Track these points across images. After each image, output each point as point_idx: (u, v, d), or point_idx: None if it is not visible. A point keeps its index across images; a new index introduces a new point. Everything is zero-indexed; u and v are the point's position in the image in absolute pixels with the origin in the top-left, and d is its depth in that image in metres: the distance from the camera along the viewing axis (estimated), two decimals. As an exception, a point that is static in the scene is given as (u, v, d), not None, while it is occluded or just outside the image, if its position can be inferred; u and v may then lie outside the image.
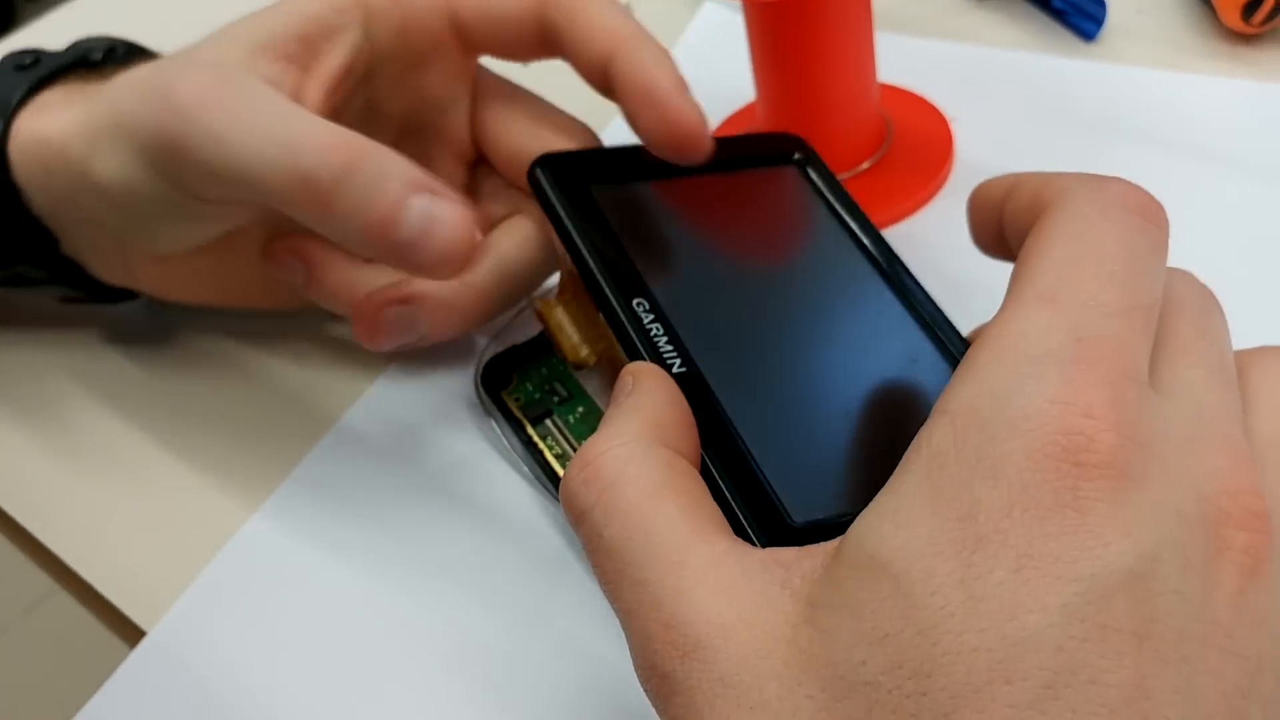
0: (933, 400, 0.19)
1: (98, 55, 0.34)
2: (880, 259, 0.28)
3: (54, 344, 0.38)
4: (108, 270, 0.34)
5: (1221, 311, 0.21)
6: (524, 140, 0.32)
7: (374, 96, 0.32)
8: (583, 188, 0.29)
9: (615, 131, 0.32)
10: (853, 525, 0.18)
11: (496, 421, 0.31)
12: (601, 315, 0.26)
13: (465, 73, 0.32)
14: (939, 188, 0.37)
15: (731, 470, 0.22)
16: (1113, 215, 0.19)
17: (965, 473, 0.17)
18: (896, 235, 0.35)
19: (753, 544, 0.20)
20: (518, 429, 0.30)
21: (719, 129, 0.40)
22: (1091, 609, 0.15)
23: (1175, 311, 0.20)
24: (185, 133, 0.27)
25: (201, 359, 0.36)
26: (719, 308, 0.26)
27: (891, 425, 0.25)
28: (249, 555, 0.30)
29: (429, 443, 0.32)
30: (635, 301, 0.26)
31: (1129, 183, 0.20)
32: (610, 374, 0.29)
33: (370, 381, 0.34)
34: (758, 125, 0.38)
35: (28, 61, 0.33)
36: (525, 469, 0.30)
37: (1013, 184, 0.22)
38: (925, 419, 0.19)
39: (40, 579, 0.32)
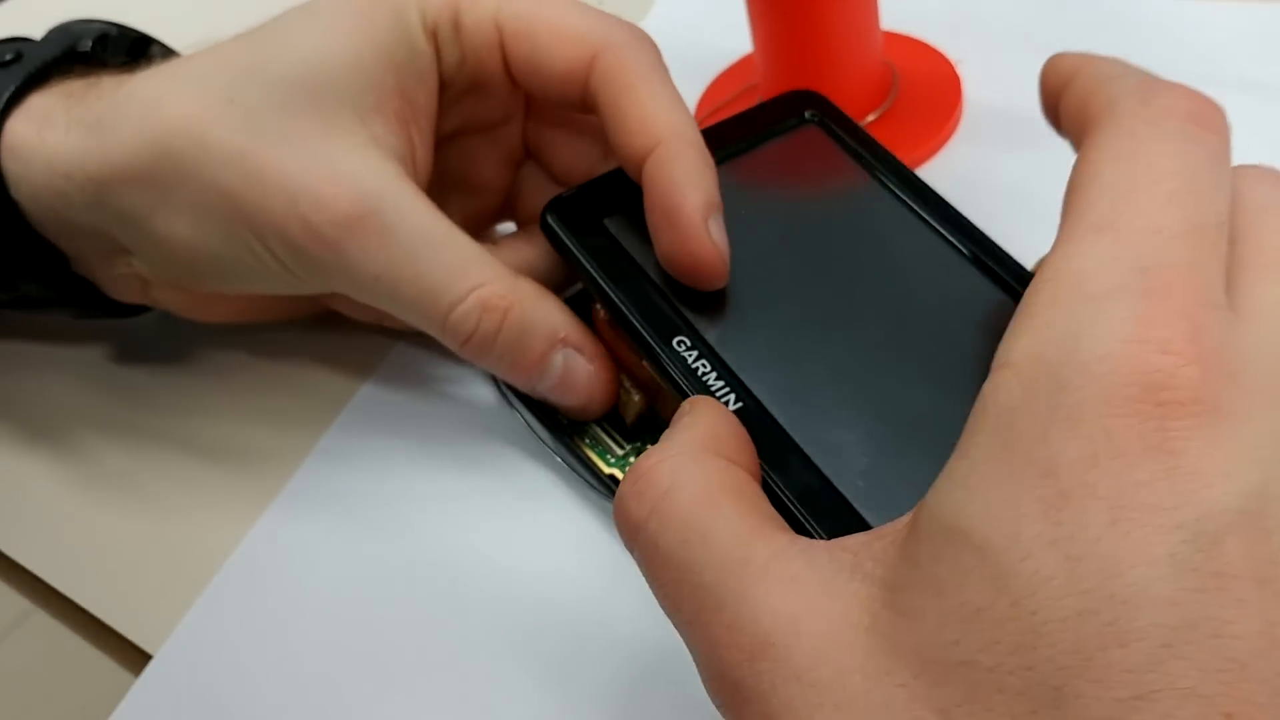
0: None
1: (87, 45, 0.31)
2: (929, 209, 0.27)
3: (45, 358, 0.36)
4: (124, 292, 0.32)
5: None
6: (575, 158, 0.31)
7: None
8: (597, 223, 0.27)
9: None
10: (924, 498, 0.16)
11: (519, 410, 0.29)
12: (645, 361, 0.25)
13: (518, 99, 0.31)
14: (950, 134, 0.35)
15: (808, 498, 0.21)
16: (1164, 128, 0.18)
17: (1039, 426, 0.15)
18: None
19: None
20: (544, 419, 0.29)
21: (715, 82, 0.38)
22: (1202, 557, 0.14)
23: (1251, 220, 0.18)
24: (332, 263, 0.26)
25: (189, 363, 0.34)
26: (764, 316, 0.25)
27: (975, 398, 0.23)
28: (253, 567, 0.29)
29: (438, 439, 0.31)
30: (676, 341, 0.24)
31: (1179, 87, 0.18)
32: (658, 402, 0.28)
33: (370, 375, 0.33)
34: (756, 78, 0.36)
35: (8, 57, 0.30)
36: (558, 461, 0.28)
37: (1068, 77, 0.20)
38: None
39: (14, 601, 0.31)
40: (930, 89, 0.36)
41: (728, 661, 0.17)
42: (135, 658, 0.28)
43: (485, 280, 0.26)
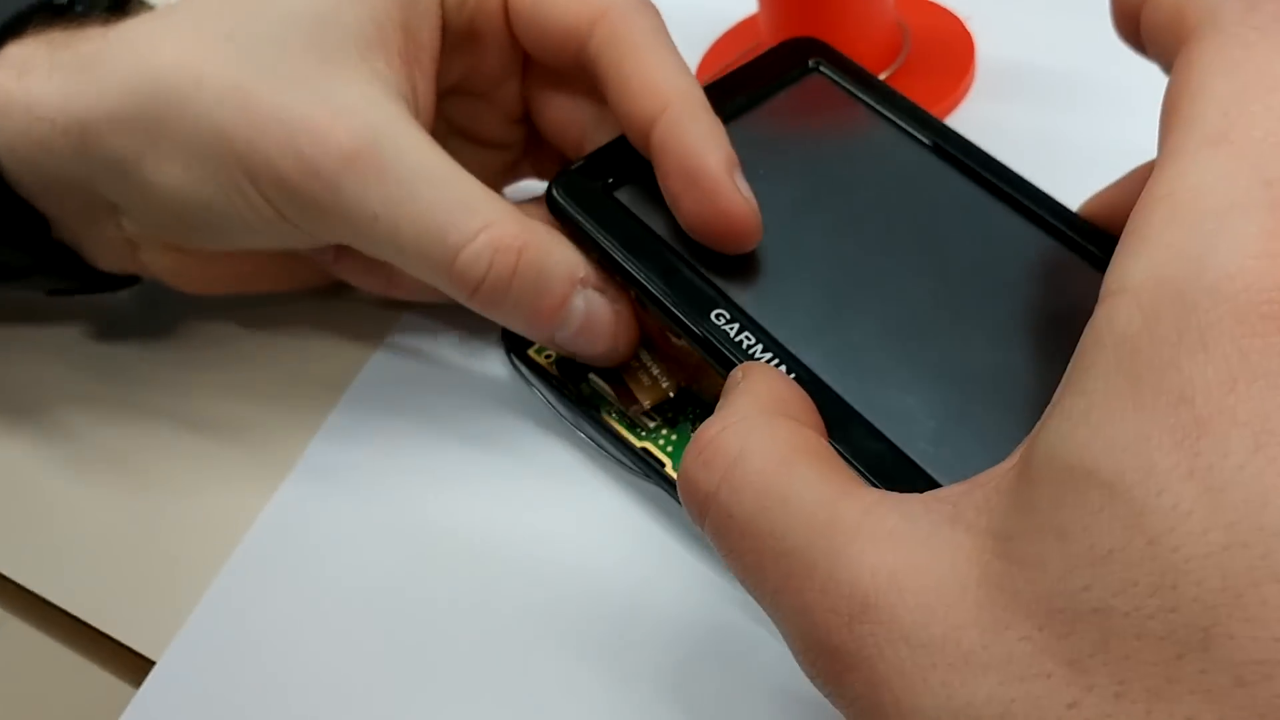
0: (1076, 302, 0.16)
1: None
2: (955, 151, 0.25)
3: (24, 339, 0.34)
4: (111, 258, 0.30)
5: None
6: (568, 111, 0.29)
7: None
8: (608, 197, 0.25)
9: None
10: (1032, 440, 0.15)
11: (536, 387, 0.27)
12: (685, 340, 0.23)
13: (517, 58, 0.29)
14: (965, 92, 0.34)
15: (879, 469, 0.20)
16: (1275, 36, 0.16)
17: (1167, 352, 0.14)
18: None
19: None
20: (560, 390, 0.27)
21: (715, 45, 0.37)
22: None
23: None
24: (329, 203, 0.25)
25: (181, 340, 0.33)
26: (800, 280, 0.24)
27: (1037, 347, 0.22)
28: (261, 557, 0.27)
29: (450, 418, 0.29)
30: (715, 315, 0.23)
31: None
32: (700, 382, 0.26)
33: (375, 350, 0.31)
34: (760, 40, 0.35)
35: None
36: (580, 436, 0.27)
37: None
38: (1073, 323, 0.16)
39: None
40: (942, 46, 0.35)
41: (824, 627, 0.15)
42: (132, 664, 0.26)
43: (494, 219, 0.25)
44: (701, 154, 0.24)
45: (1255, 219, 0.14)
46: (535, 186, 0.33)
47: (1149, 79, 0.19)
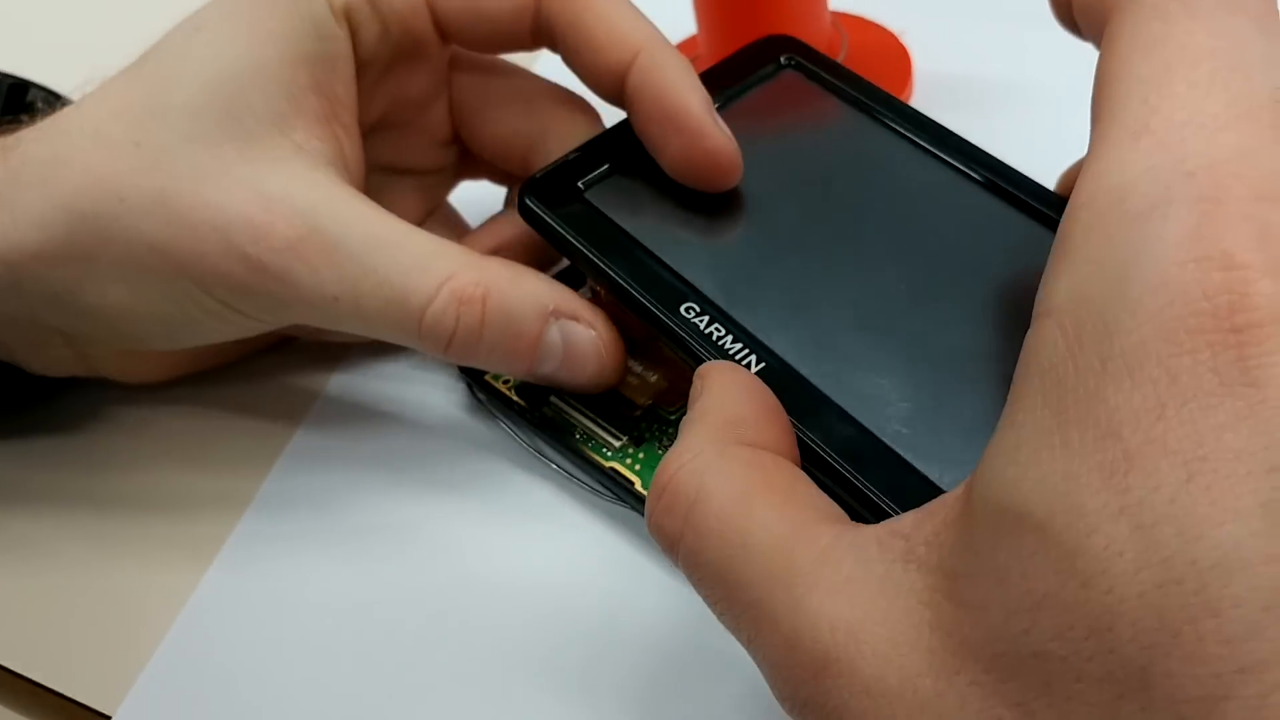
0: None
1: None
2: (929, 138, 0.26)
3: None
4: (55, 368, 0.28)
5: None
6: (509, 127, 0.29)
7: None
8: (578, 198, 0.25)
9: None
10: (975, 473, 0.15)
11: (497, 414, 0.27)
12: (657, 334, 0.23)
13: (445, 65, 0.29)
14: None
15: (852, 453, 0.20)
16: (1195, 2, 0.15)
17: (1091, 381, 0.13)
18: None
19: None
20: (527, 420, 0.27)
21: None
22: None
23: None
24: (287, 295, 0.24)
25: (121, 407, 0.31)
26: (772, 270, 0.24)
27: (1012, 326, 0.22)
28: (211, 614, 0.26)
29: (406, 457, 0.28)
30: (684, 308, 0.23)
31: None
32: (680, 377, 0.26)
33: (316, 396, 0.30)
34: (702, 58, 0.35)
35: None
36: (551, 467, 0.27)
37: None
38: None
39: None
40: (879, 61, 0.35)
41: (794, 681, 0.16)
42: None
43: (453, 271, 0.24)
44: (682, 95, 0.24)
45: (1177, 219, 0.13)
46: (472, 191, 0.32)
47: (1078, 79, 0.19)
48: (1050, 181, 0.25)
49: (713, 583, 0.17)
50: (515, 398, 0.27)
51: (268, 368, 0.31)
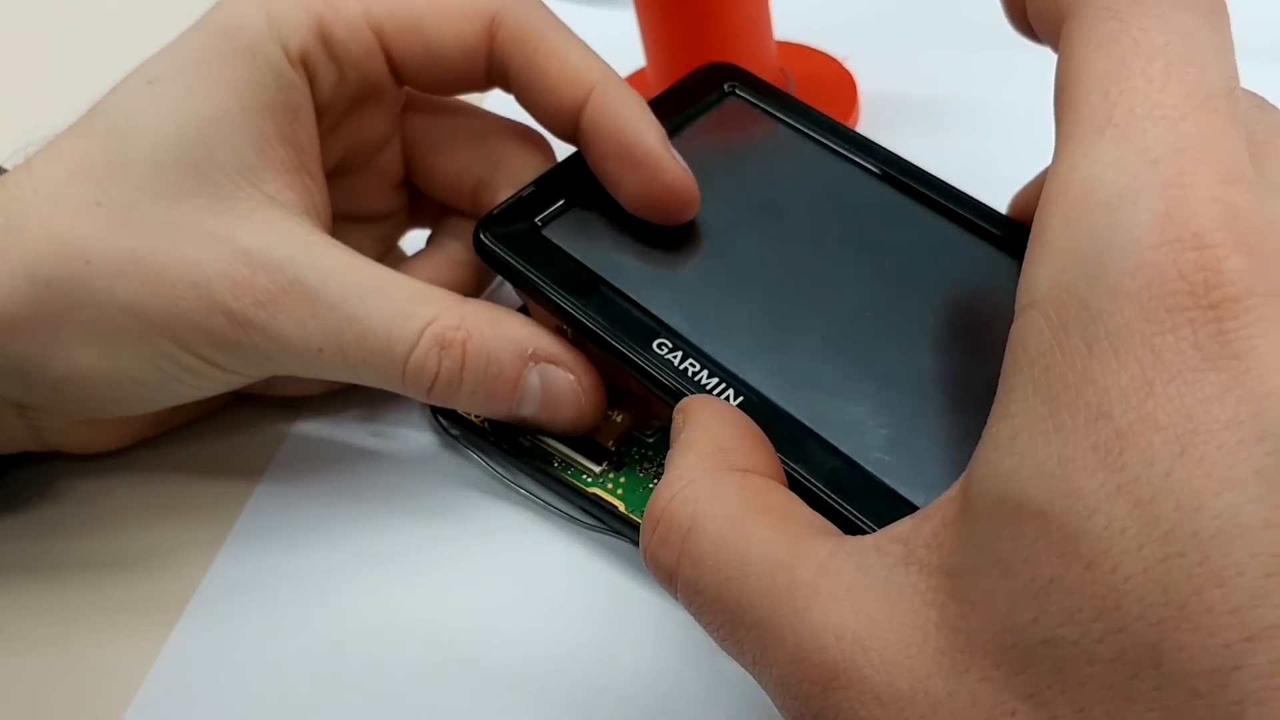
0: (1012, 299, 0.15)
1: None
2: (877, 161, 0.26)
3: None
4: (5, 445, 0.27)
5: None
6: (459, 164, 0.28)
7: None
8: (536, 235, 0.25)
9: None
10: (969, 470, 0.15)
11: (470, 448, 0.26)
12: (629, 374, 0.23)
13: (399, 107, 0.28)
14: (852, 128, 0.35)
15: (838, 484, 0.20)
16: (1146, 2, 0.16)
17: (1079, 365, 0.14)
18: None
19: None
20: (502, 449, 0.26)
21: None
22: None
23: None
24: (271, 348, 0.24)
25: (70, 479, 0.30)
26: (740, 301, 0.23)
27: (981, 346, 0.22)
28: (178, 675, 0.25)
29: (377, 499, 0.27)
30: (656, 344, 0.23)
31: None
32: (653, 412, 0.26)
33: (279, 445, 0.29)
34: (650, 92, 0.36)
35: None
36: (523, 493, 0.26)
37: None
38: (1011, 320, 0.15)
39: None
40: (825, 87, 0.36)
41: (803, 698, 0.15)
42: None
43: (434, 314, 0.24)
44: (638, 130, 0.24)
45: (1147, 205, 0.14)
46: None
47: (1019, 97, 0.20)
48: (998, 196, 0.25)
49: (713, 609, 0.17)
50: (488, 428, 0.26)
51: (225, 424, 0.30)
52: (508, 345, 0.24)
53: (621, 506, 0.24)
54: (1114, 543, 0.13)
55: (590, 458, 0.25)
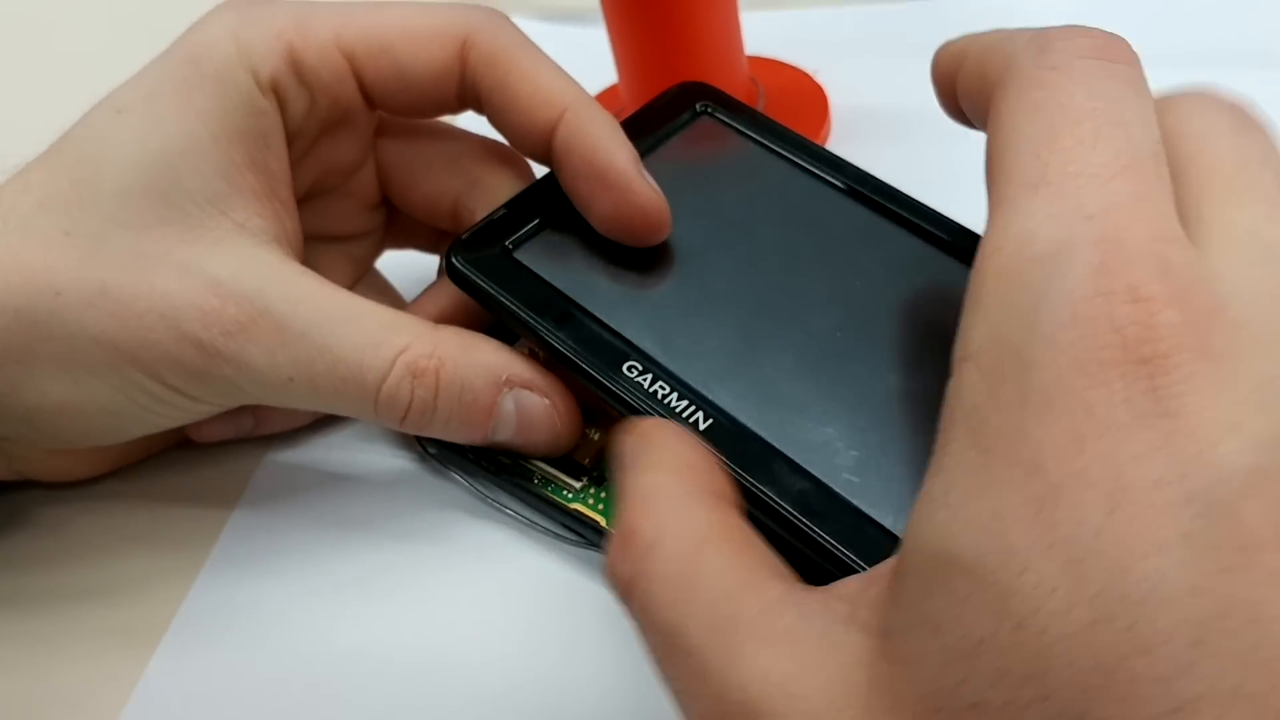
0: None
1: None
2: (849, 180, 0.26)
3: None
4: None
5: (1263, 126, 0.17)
6: (436, 184, 0.28)
7: None
8: (507, 258, 0.25)
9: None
10: (908, 525, 0.15)
11: (451, 467, 0.26)
12: (600, 396, 0.23)
13: (372, 130, 0.28)
14: (824, 140, 0.36)
15: (807, 507, 0.20)
16: (1070, 69, 0.16)
17: (1013, 418, 0.13)
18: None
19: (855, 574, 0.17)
20: (483, 467, 0.26)
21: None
22: (1221, 531, 0.12)
23: (1196, 146, 0.16)
24: (242, 378, 0.24)
25: (43, 506, 0.29)
26: (710, 323, 0.23)
27: (949, 365, 0.22)
28: (158, 701, 0.24)
29: (357, 521, 0.27)
30: (626, 367, 0.23)
31: (1076, 28, 0.17)
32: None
33: (254, 469, 0.29)
34: (624, 108, 0.36)
35: None
36: (504, 511, 0.26)
37: (959, 57, 0.20)
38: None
39: None
40: (796, 100, 0.36)
41: None
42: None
43: (405, 343, 0.24)
44: (609, 152, 0.24)
45: (1082, 258, 0.14)
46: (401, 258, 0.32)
47: None
48: (968, 204, 0.25)
49: (656, 629, 0.16)
50: (468, 448, 0.26)
51: (199, 450, 0.30)
52: (481, 372, 0.24)
53: (603, 521, 0.24)
54: (1044, 602, 0.12)
55: (570, 474, 0.25)
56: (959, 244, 0.24)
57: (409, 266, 0.32)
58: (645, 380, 0.22)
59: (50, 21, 0.50)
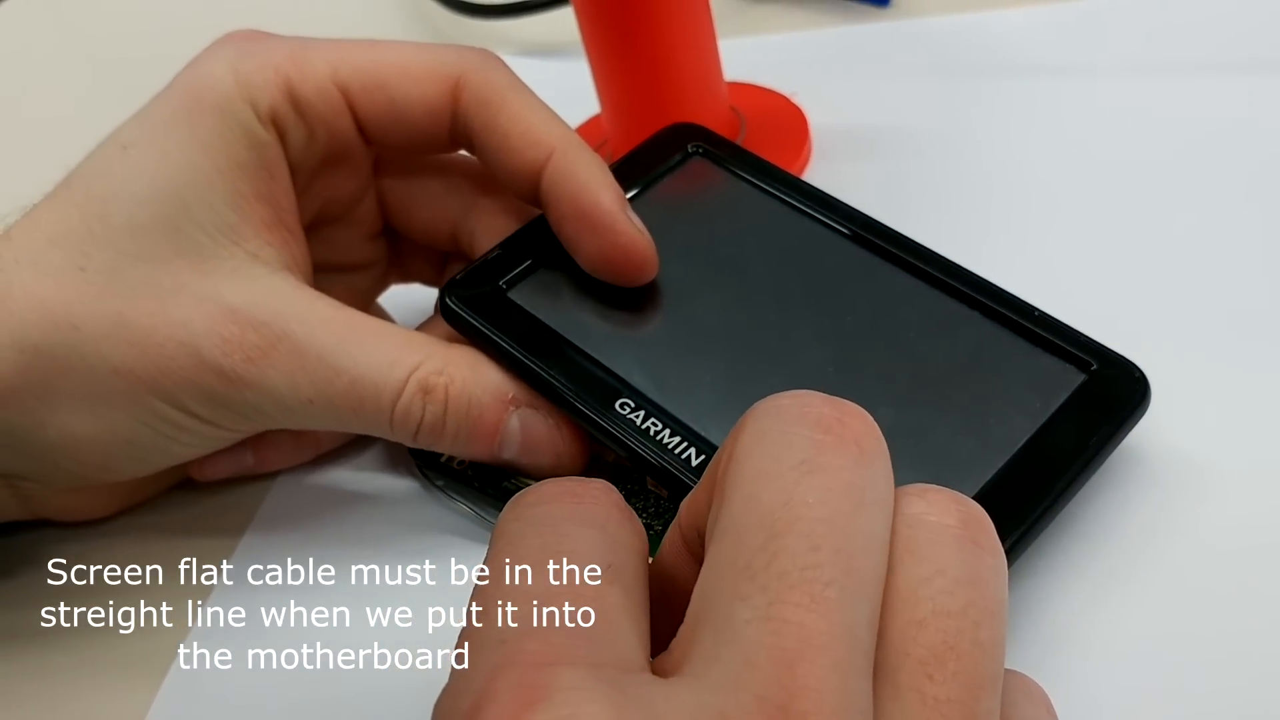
0: (969, 350, 0.16)
1: None
2: (837, 217, 0.27)
3: None
4: None
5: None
6: (437, 210, 0.29)
7: None
8: (501, 298, 0.26)
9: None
10: None
11: (455, 496, 0.27)
12: (593, 434, 0.24)
13: (370, 163, 0.29)
14: (806, 161, 0.36)
15: None
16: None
17: None
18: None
19: None
20: (487, 495, 0.26)
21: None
22: None
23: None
24: (264, 402, 0.24)
25: (56, 544, 0.30)
26: (701, 358, 0.24)
27: (938, 398, 0.23)
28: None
29: (365, 547, 0.28)
30: (619, 404, 0.23)
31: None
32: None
33: (260, 502, 0.30)
34: (606, 137, 0.37)
35: None
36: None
37: None
38: (969, 370, 0.17)
39: None
40: (776, 124, 0.37)
41: None
42: None
43: (418, 361, 0.25)
44: (595, 193, 0.25)
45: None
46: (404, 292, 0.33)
47: (963, 124, 0.21)
48: (945, 220, 0.26)
49: None
50: (472, 475, 0.27)
51: (204, 488, 0.30)
52: (488, 390, 0.25)
53: (604, 542, 0.25)
54: None
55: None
56: (948, 280, 0.25)
57: (410, 302, 0.33)
58: (638, 417, 0.23)
59: (40, 62, 0.51)
